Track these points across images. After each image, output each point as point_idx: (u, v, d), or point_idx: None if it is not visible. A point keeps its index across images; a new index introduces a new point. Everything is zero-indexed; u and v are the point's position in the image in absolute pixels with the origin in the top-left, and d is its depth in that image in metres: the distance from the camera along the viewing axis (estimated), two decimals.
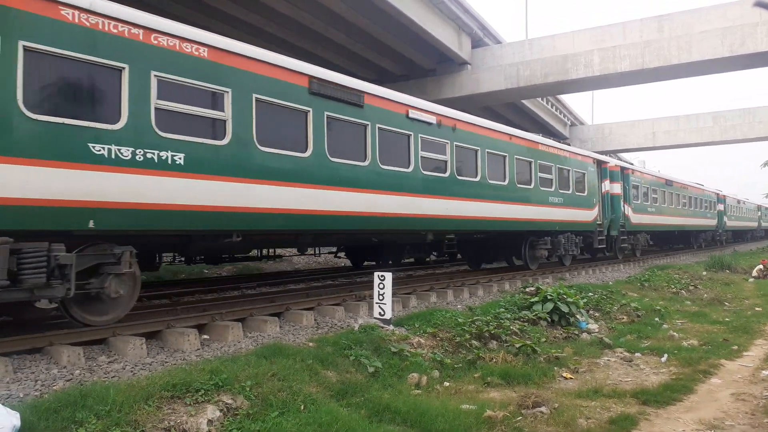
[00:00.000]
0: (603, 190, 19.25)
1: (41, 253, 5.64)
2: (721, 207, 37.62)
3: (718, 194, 37.33)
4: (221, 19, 19.33)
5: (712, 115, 44.40)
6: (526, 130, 19.12)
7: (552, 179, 15.85)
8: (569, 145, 19.15)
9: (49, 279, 5.72)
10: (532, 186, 14.89)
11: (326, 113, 9.03)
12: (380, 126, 10.18)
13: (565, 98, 43.27)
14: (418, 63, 25.89)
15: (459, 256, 18.39)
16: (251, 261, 12.47)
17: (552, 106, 41.61)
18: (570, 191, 16.85)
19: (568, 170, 16.89)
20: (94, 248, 6.42)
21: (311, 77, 8.83)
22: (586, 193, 17.88)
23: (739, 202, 45.55)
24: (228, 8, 18.79)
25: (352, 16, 20.19)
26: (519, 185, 14.29)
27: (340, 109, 9.32)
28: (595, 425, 5.29)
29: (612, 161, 20.95)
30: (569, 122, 47.06)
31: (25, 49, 5.69)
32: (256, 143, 7.90)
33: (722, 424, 5.43)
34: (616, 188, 20.05)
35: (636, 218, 21.99)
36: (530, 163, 14.90)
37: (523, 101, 34.47)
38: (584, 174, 17.96)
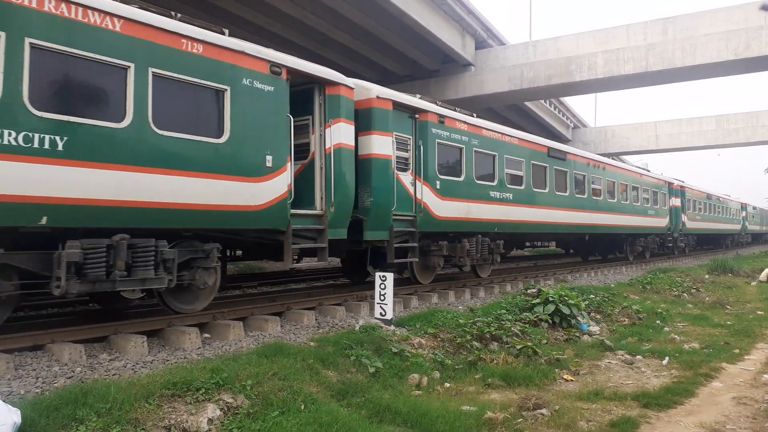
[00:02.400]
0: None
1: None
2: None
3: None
4: (226, 18, 19.35)
5: (716, 118, 44.29)
6: (529, 132, 19.07)
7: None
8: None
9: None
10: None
11: None
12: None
13: (568, 100, 43.22)
14: (422, 64, 25.88)
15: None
16: (253, 261, 12.58)
17: (555, 109, 41.57)
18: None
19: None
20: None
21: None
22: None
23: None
24: (233, 8, 18.82)
25: (357, 17, 20.19)
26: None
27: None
28: (595, 428, 5.28)
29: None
30: (572, 124, 47.00)
31: None
32: None
33: (723, 427, 5.42)
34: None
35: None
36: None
37: (526, 103, 34.43)
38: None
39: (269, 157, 7.67)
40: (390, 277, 8.16)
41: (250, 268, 16.47)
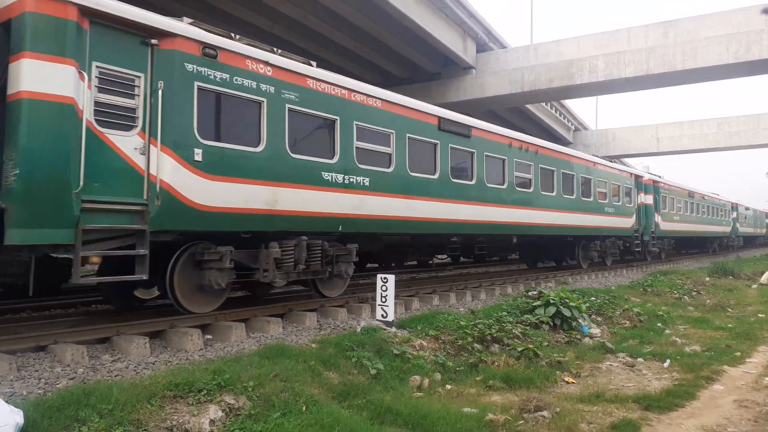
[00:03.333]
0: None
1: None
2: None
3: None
4: (226, 20, 19.40)
5: (717, 121, 44.31)
6: (531, 135, 19.02)
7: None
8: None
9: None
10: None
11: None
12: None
13: (570, 103, 43.26)
14: (423, 67, 25.92)
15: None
16: None
17: (556, 111, 41.60)
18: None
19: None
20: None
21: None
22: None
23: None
24: (233, 10, 18.87)
25: (358, 20, 20.23)
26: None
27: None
28: (596, 430, 5.29)
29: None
30: (573, 127, 47.02)
31: None
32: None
33: (725, 430, 5.42)
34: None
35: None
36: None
37: (528, 106, 34.46)
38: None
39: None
40: (391, 278, 8.17)
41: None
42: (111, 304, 8.85)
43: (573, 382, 6.97)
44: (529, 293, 11.07)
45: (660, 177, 26.43)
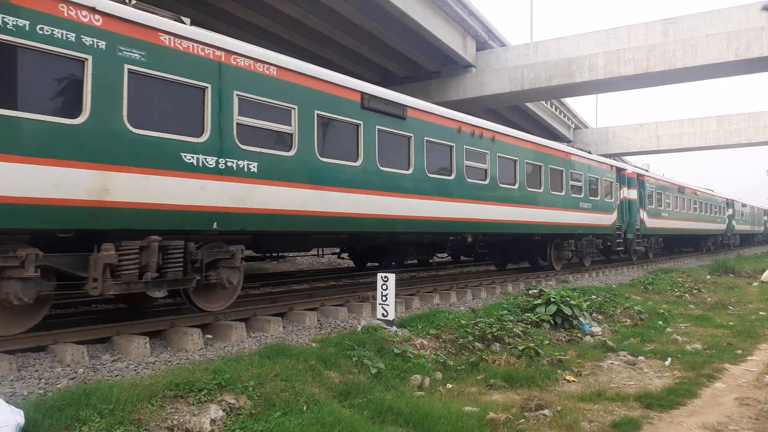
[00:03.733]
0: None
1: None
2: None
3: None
4: (226, 20, 19.39)
5: (717, 119, 44.30)
6: (530, 133, 19.00)
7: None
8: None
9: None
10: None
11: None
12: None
13: (569, 101, 43.23)
14: (423, 65, 25.90)
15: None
16: (255, 261, 12.47)
17: (556, 110, 41.58)
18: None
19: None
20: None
21: None
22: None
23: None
24: (233, 9, 18.85)
25: (358, 18, 20.21)
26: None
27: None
28: (598, 429, 5.28)
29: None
30: (573, 125, 47.00)
31: None
32: None
33: (726, 428, 5.41)
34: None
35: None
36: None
37: (528, 104, 34.45)
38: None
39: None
40: (392, 277, 8.16)
41: (252, 269, 16.48)
42: None
43: (574, 381, 6.96)
44: (530, 292, 11.06)
45: (646, 170, 25.78)
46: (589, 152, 21.08)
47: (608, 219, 19.45)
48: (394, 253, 14.35)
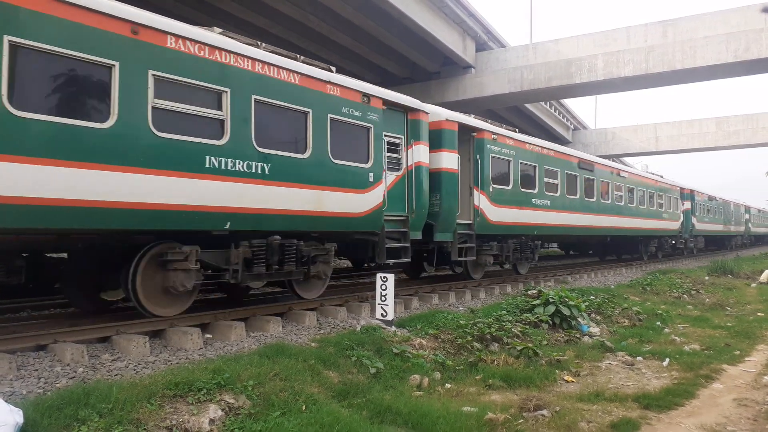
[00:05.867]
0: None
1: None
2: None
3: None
4: (226, 20, 19.40)
5: (716, 121, 44.33)
6: (530, 134, 19.09)
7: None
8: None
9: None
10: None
11: None
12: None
13: (569, 102, 43.24)
14: (423, 66, 25.92)
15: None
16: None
17: (555, 110, 41.59)
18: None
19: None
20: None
21: None
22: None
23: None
24: (233, 10, 18.86)
25: (358, 19, 20.23)
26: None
27: None
28: (596, 429, 5.29)
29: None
30: (572, 126, 47.02)
31: None
32: None
33: (724, 429, 5.42)
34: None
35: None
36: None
37: (527, 105, 34.45)
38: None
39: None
40: (391, 277, 8.17)
41: None
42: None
43: (572, 381, 6.97)
44: (529, 292, 11.08)
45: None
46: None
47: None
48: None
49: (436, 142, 11.51)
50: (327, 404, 5.13)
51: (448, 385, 6.46)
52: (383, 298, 8.17)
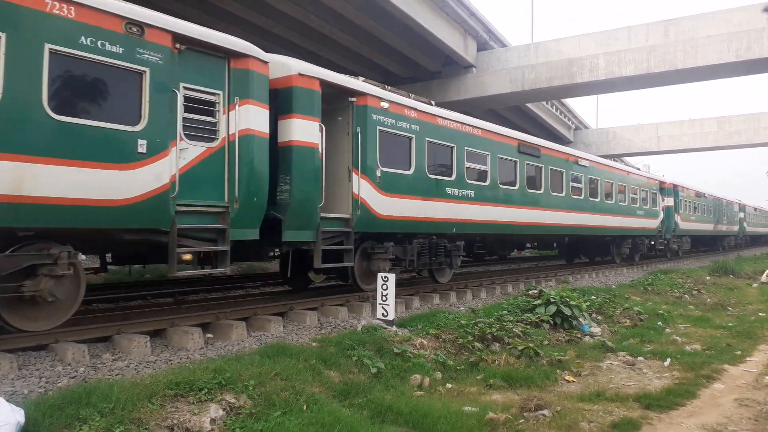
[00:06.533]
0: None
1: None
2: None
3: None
4: (228, 20, 19.40)
5: (717, 120, 44.27)
6: (531, 134, 19.03)
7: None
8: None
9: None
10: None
11: None
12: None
13: (570, 102, 43.22)
14: (424, 65, 25.91)
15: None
16: (255, 261, 12.43)
17: (557, 110, 41.57)
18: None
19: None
20: None
21: None
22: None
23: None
24: (235, 9, 18.86)
25: (359, 19, 20.22)
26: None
27: None
28: (597, 429, 5.29)
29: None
30: (573, 126, 46.99)
31: None
32: None
33: (725, 429, 5.42)
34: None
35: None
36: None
37: (528, 105, 34.43)
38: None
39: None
40: (392, 277, 8.17)
41: (252, 269, 16.49)
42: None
43: (573, 381, 6.97)
44: (530, 292, 11.07)
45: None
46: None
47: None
48: None
49: (286, 104, 8.49)
50: (328, 404, 5.13)
51: (449, 385, 6.46)
52: (384, 298, 8.17)
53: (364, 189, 9.70)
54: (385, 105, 10.19)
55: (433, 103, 12.03)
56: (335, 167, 9.76)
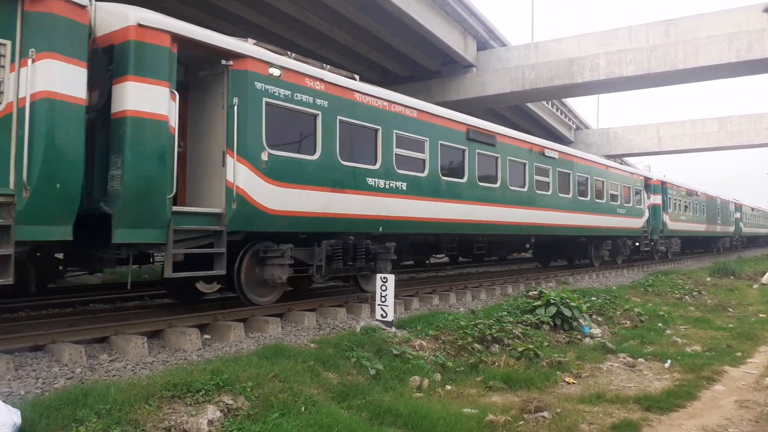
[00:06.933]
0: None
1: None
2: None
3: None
4: (227, 19, 19.38)
5: (718, 120, 44.27)
6: (531, 134, 18.94)
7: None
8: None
9: None
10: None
11: None
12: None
13: (571, 102, 43.20)
14: (423, 65, 25.87)
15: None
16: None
17: (557, 110, 41.55)
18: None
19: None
20: None
21: None
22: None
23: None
24: (234, 8, 18.82)
25: (358, 18, 20.19)
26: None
27: None
28: (597, 431, 5.26)
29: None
30: (574, 126, 46.97)
31: None
32: None
33: (726, 431, 5.40)
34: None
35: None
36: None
37: (528, 104, 34.41)
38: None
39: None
40: (391, 278, 8.14)
41: None
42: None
43: (573, 383, 6.94)
44: (530, 293, 11.04)
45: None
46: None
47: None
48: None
49: (121, 64, 6.62)
50: (326, 405, 5.10)
51: (448, 387, 6.43)
52: (383, 299, 8.13)
53: (242, 176, 7.65)
54: (275, 72, 8.15)
55: (357, 78, 10.03)
56: (206, 150, 7.93)
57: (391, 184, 10.07)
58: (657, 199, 23.94)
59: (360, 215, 9.45)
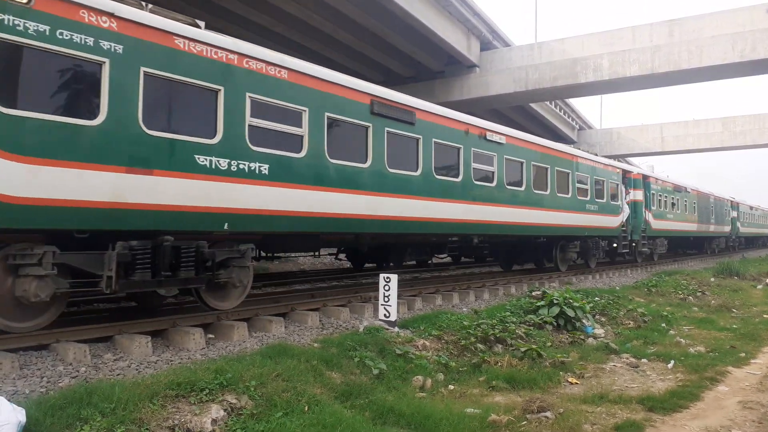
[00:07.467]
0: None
1: None
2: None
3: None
4: (230, 19, 19.43)
5: (722, 121, 44.18)
6: (534, 134, 18.83)
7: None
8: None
9: None
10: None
11: None
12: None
13: (574, 102, 43.17)
14: (427, 65, 25.89)
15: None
16: (257, 261, 12.09)
17: (560, 110, 41.53)
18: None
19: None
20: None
21: None
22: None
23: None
24: (237, 8, 18.88)
25: (361, 18, 20.22)
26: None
27: None
28: (600, 431, 5.26)
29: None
30: (577, 126, 46.92)
31: None
32: None
33: None
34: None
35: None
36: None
37: (532, 104, 34.40)
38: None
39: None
40: (394, 278, 8.15)
41: (254, 269, 16.45)
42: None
43: (576, 383, 6.94)
44: (533, 293, 11.04)
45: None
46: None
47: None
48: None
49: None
50: (329, 405, 5.11)
51: (451, 387, 6.44)
52: (386, 299, 8.14)
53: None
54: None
55: (202, 25, 7.45)
56: None
57: (240, 166, 7.44)
58: (638, 194, 21.07)
59: (183, 207, 6.81)
